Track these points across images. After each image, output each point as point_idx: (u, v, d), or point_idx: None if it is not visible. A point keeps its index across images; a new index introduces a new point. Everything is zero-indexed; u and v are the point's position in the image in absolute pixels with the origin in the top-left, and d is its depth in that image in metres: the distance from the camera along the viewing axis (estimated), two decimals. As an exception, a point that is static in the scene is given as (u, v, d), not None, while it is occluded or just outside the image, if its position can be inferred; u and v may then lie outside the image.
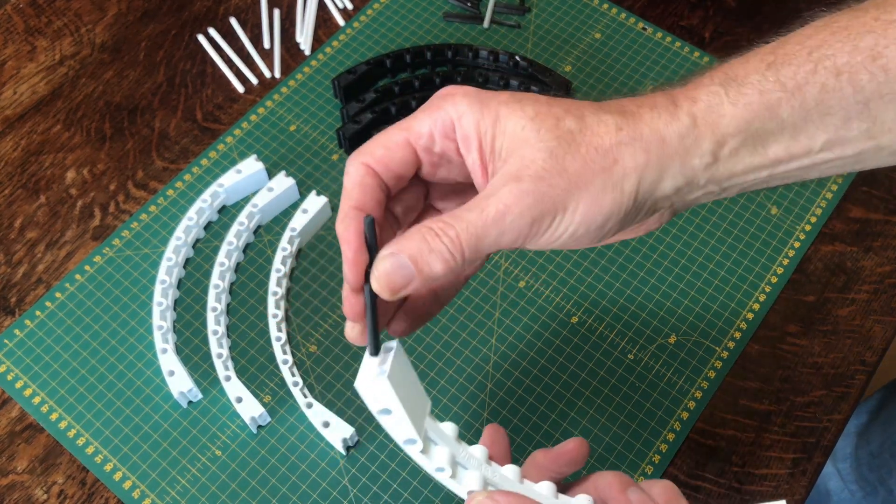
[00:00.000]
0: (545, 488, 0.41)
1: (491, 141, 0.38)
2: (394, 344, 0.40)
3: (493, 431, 0.44)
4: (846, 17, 0.37)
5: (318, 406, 0.58)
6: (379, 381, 0.38)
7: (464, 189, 0.42)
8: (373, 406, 0.39)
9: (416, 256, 0.36)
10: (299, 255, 0.66)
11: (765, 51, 0.38)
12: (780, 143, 0.38)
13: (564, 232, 0.38)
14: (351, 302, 0.39)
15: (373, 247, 0.38)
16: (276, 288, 0.62)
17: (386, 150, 0.39)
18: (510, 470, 0.41)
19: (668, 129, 0.38)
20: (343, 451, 0.57)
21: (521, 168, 0.37)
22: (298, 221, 0.64)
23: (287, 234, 0.64)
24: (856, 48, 0.36)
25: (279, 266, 0.63)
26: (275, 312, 0.62)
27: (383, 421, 0.40)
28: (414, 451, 0.40)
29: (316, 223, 0.66)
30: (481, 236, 0.36)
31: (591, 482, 0.41)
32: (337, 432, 0.57)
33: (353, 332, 0.40)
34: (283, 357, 0.60)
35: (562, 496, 0.41)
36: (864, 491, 0.89)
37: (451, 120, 0.39)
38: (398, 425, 0.39)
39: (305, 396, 0.59)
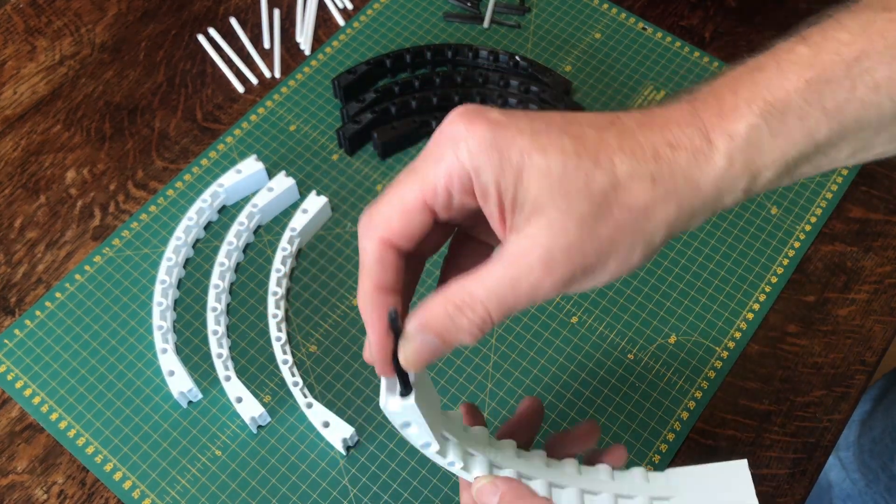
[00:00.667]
0: (537, 457, 0.43)
1: (512, 198, 0.35)
2: None
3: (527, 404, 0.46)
4: (882, 20, 0.35)
5: (318, 406, 0.58)
6: (407, 406, 0.38)
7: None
8: (396, 422, 0.39)
9: (444, 333, 0.36)
10: (299, 255, 0.66)
11: (802, 61, 0.36)
12: (812, 163, 0.37)
13: (593, 286, 0.37)
14: (382, 365, 0.38)
15: (398, 331, 0.37)
16: (276, 288, 0.62)
17: (402, 216, 0.36)
18: (508, 444, 0.43)
19: (703, 176, 0.36)
20: (343, 451, 0.57)
21: (551, 238, 0.35)
22: (298, 221, 0.64)
23: (287, 234, 0.64)
24: (895, 58, 0.35)
25: (279, 266, 0.63)
26: (275, 312, 0.62)
27: (404, 432, 0.40)
28: (430, 452, 0.41)
29: (316, 223, 0.66)
30: (511, 307, 0.35)
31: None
32: (337, 432, 0.57)
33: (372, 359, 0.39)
34: (283, 357, 0.60)
35: (551, 460, 0.43)
36: (867, 479, 0.89)
37: (468, 174, 0.35)
38: (418, 435, 0.40)
39: (305, 396, 0.59)
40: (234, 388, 0.59)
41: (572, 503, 0.41)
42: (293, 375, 0.60)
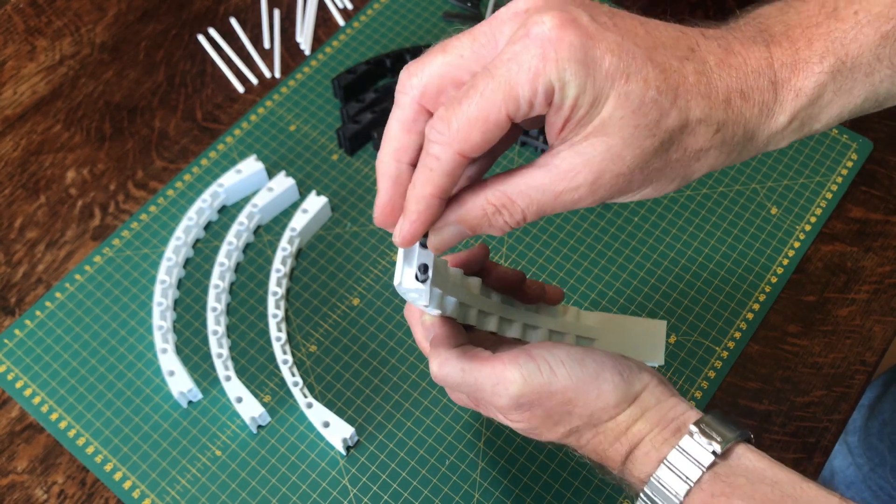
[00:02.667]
0: (494, 295, 0.46)
1: (582, 115, 0.34)
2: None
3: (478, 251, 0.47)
4: None
5: (318, 406, 0.58)
6: (422, 289, 0.39)
7: None
8: (406, 296, 0.41)
9: (476, 228, 0.37)
10: (299, 254, 0.65)
11: (882, 10, 0.35)
12: (861, 113, 0.37)
13: (622, 202, 0.38)
14: (386, 221, 0.38)
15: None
16: (275, 288, 0.62)
17: (485, 133, 0.34)
18: (475, 283, 0.46)
19: (762, 129, 0.36)
20: (343, 451, 0.57)
21: (606, 163, 0.34)
22: (298, 221, 0.64)
23: (287, 234, 0.64)
24: None
25: (279, 266, 0.63)
26: (275, 312, 0.62)
27: (406, 296, 0.42)
28: (420, 305, 0.43)
29: (316, 223, 0.66)
30: (546, 212, 0.36)
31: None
32: (337, 432, 0.57)
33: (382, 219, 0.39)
34: (283, 357, 0.60)
35: (504, 296, 0.47)
36: (872, 462, 0.89)
37: (552, 86, 0.33)
38: (419, 301, 0.42)
39: (305, 396, 0.59)
40: (234, 388, 0.59)
41: (516, 334, 0.47)
42: (293, 375, 0.60)
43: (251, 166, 0.67)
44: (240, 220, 0.65)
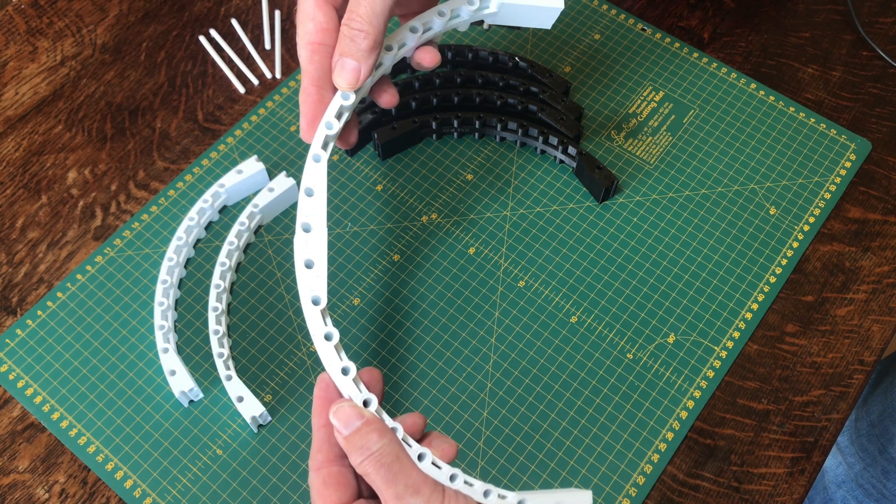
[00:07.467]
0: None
1: None
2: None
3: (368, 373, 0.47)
4: None
5: (318, 405, 0.58)
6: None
7: None
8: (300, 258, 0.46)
9: (345, 50, 0.48)
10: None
11: None
12: None
13: None
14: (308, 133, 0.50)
15: None
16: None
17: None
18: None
19: None
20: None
21: None
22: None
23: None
24: None
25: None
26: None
27: (301, 275, 0.46)
28: (315, 312, 0.46)
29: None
30: (379, 13, 0.48)
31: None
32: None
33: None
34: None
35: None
36: (864, 462, 0.89)
37: None
38: (315, 280, 0.46)
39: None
40: (235, 387, 0.59)
41: None
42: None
43: (252, 167, 0.67)
44: (241, 220, 0.65)
